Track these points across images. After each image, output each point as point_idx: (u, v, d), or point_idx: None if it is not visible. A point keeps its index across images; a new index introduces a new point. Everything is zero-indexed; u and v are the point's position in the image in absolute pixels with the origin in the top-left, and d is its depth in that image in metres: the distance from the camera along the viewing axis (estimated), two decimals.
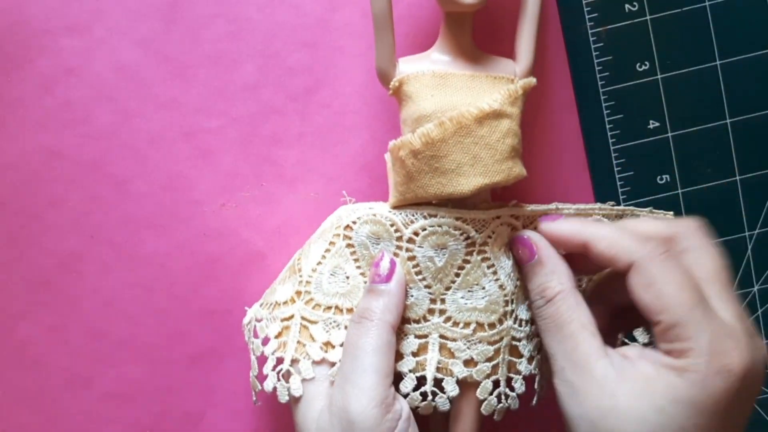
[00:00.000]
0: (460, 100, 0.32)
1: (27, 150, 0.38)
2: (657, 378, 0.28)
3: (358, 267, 0.34)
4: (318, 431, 0.32)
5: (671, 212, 0.37)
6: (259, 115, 0.38)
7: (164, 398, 0.39)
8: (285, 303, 0.35)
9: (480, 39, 0.34)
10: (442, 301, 0.34)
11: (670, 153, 0.38)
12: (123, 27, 0.37)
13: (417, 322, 0.34)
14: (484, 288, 0.34)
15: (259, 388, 0.35)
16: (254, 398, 0.36)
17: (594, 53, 0.38)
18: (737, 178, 0.38)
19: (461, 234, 0.33)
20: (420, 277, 0.33)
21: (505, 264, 0.34)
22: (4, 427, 0.39)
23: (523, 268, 0.34)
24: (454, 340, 0.34)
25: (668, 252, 0.30)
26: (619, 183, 0.38)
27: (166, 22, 0.37)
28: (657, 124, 0.38)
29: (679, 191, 0.39)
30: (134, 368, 0.39)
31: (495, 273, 0.34)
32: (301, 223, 0.39)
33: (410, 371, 0.34)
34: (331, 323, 0.34)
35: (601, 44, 0.37)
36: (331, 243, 0.35)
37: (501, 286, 0.34)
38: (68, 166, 0.38)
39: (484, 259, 0.33)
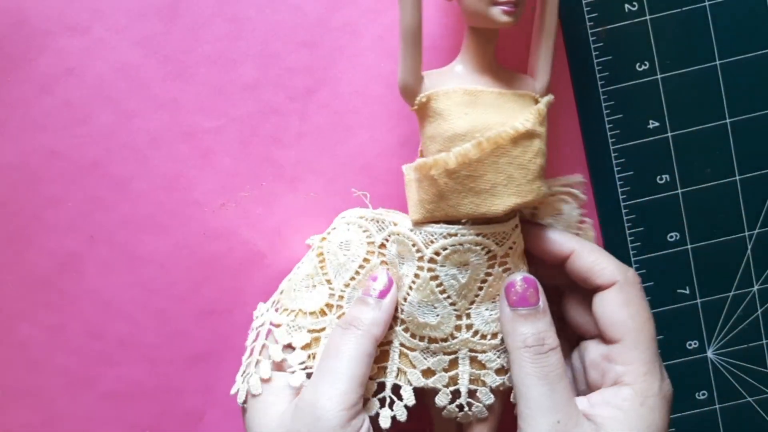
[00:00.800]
0: (492, 119, 0.32)
1: (27, 150, 0.38)
2: (630, 415, 0.31)
3: None
4: (280, 427, 0.32)
5: (580, 179, 0.38)
6: (259, 115, 0.38)
7: (164, 398, 0.39)
8: (313, 313, 0.35)
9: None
10: (468, 316, 0.34)
11: (670, 153, 0.38)
12: (123, 27, 0.37)
13: (444, 340, 0.34)
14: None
15: (260, 392, 0.34)
16: (243, 399, 0.35)
17: (594, 53, 0.38)
18: (737, 178, 0.38)
19: (482, 249, 0.33)
20: (445, 295, 0.33)
21: (524, 270, 0.34)
22: (4, 427, 0.39)
23: (517, 310, 0.32)
24: (484, 351, 0.34)
25: (641, 285, 0.34)
26: (619, 183, 0.38)
27: (166, 22, 0.37)
28: (657, 124, 0.38)
29: (679, 191, 0.39)
30: (134, 368, 0.39)
31: None
32: (301, 223, 0.39)
33: (444, 386, 0.34)
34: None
35: (601, 44, 0.37)
36: (365, 260, 0.35)
37: None
38: (68, 166, 0.38)
39: (505, 270, 0.34)
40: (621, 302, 0.32)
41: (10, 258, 0.39)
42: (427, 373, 0.34)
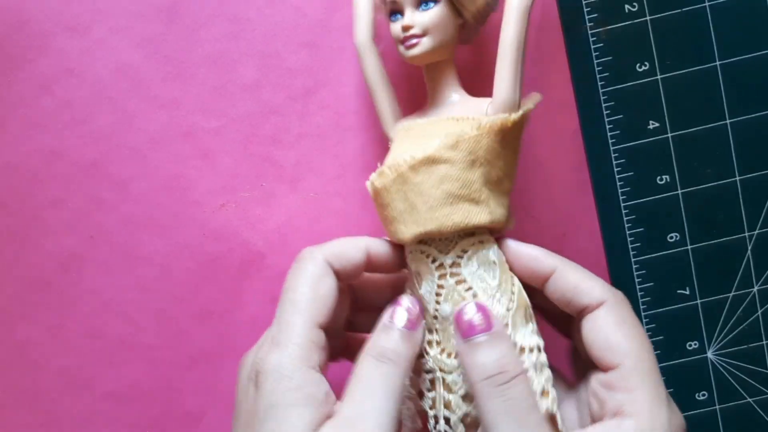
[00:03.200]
0: (409, 149, 0.31)
1: (27, 150, 0.38)
2: None
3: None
4: None
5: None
6: (259, 115, 0.38)
7: (164, 398, 0.39)
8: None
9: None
10: (435, 331, 0.32)
11: (670, 153, 0.38)
12: (123, 27, 0.37)
13: (421, 356, 0.32)
14: None
15: None
16: None
17: (594, 53, 0.38)
18: (737, 178, 0.38)
19: (427, 257, 0.31)
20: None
21: (489, 285, 0.31)
22: (4, 427, 0.39)
23: (471, 339, 0.29)
24: (450, 372, 0.31)
25: (630, 306, 0.30)
26: (619, 183, 0.38)
27: (166, 23, 0.37)
28: (657, 124, 0.38)
29: (679, 191, 0.39)
30: (134, 368, 0.39)
31: (475, 296, 0.31)
32: (301, 223, 0.39)
33: (429, 408, 0.32)
34: None
35: (601, 44, 0.37)
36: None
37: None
38: (68, 166, 0.38)
39: (458, 282, 0.31)
40: (613, 322, 0.29)
41: (10, 258, 0.39)
42: (420, 393, 0.33)
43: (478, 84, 0.34)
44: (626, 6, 0.37)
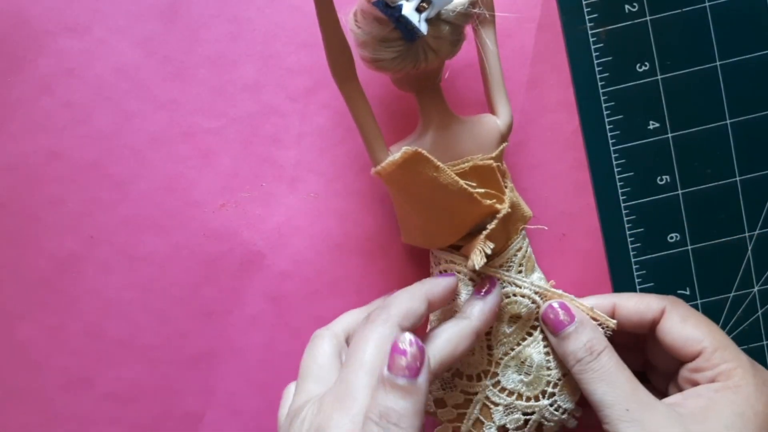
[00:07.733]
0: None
1: (27, 150, 0.38)
2: (718, 401, 0.32)
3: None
4: None
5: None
6: (259, 115, 0.38)
7: (164, 398, 0.39)
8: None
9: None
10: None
11: (670, 153, 0.38)
12: (123, 27, 0.37)
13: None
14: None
15: None
16: None
17: (594, 54, 0.38)
18: (737, 178, 0.38)
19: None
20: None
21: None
22: (4, 427, 0.39)
23: (561, 333, 0.34)
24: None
25: (685, 303, 0.35)
26: (619, 184, 0.38)
27: (166, 23, 0.37)
28: (657, 124, 0.38)
29: (679, 192, 0.39)
30: (134, 369, 0.39)
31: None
32: (301, 223, 0.39)
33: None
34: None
35: (601, 45, 0.37)
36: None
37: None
38: (68, 166, 0.38)
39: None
40: (679, 320, 0.34)
41: (10, 258, 0.39)
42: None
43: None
44: (626, 6, 0.37)
